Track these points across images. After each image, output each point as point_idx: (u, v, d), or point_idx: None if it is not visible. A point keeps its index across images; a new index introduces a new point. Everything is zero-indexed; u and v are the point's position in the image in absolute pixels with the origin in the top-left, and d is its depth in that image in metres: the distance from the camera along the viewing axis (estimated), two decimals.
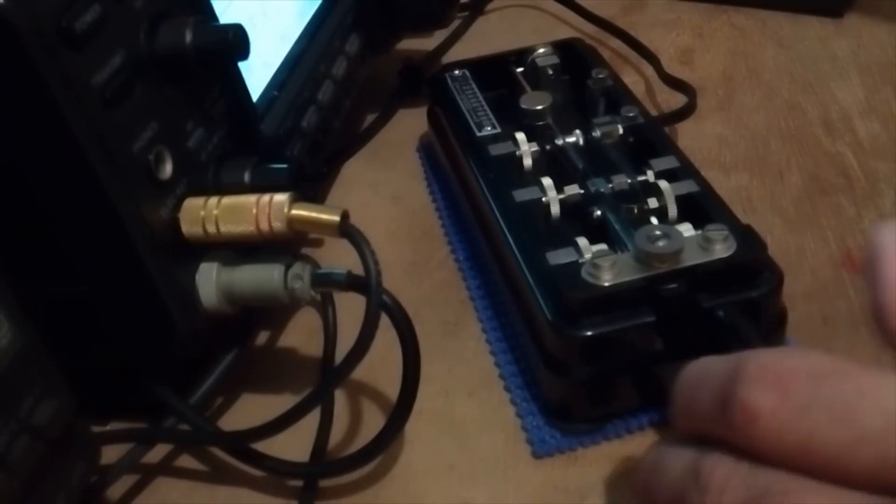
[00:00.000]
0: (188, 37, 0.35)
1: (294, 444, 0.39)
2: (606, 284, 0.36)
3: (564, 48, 0.53)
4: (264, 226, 0.36)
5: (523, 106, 0.49)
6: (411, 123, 0.58)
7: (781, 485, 0.22)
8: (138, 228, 0.34)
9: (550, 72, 0.52)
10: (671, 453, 0.26)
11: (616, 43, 0.63)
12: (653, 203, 0.41)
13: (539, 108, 0.48)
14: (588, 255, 0.39)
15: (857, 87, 0.56)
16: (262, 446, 0.38)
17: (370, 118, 0.60)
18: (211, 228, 0.36)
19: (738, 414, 0.23)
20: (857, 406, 0.22)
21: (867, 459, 0.21)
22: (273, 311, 0.46)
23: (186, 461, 0.40)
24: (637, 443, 0.38)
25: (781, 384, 0.22)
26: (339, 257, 0.40)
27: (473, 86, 0.53)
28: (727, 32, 0.64)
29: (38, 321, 0.30)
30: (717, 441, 0.24)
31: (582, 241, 0.39)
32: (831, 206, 0.48)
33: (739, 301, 0.36)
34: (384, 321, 0.35)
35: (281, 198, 0.36)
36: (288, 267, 0.37)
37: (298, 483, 0.38)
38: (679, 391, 0.27)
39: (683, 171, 0.43)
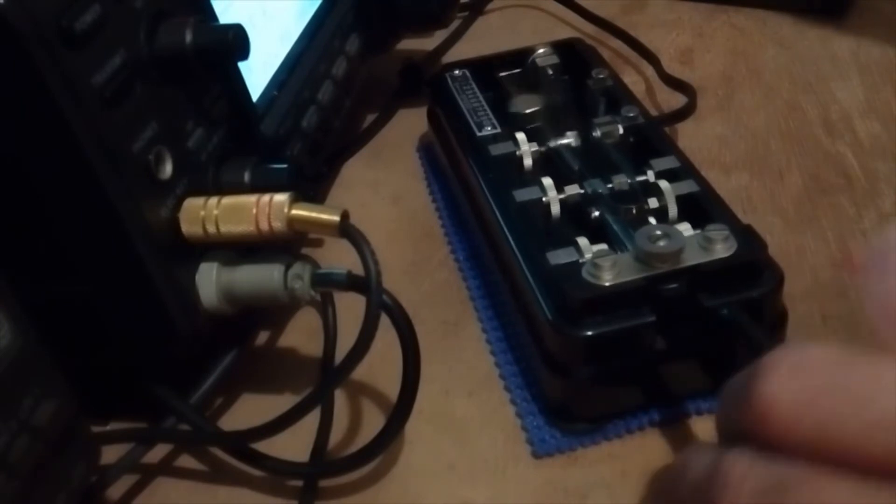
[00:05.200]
0: (188, 37, 0.35)
1: (294, 444, 0.39)
2: (607, 284, 0.36)
3: (564, 48, 0.53)
4: (264, 226, 0.36)
5: (512, 110, 0.49)
6: (411, 123, 0.58)
7: (800, 474, 0.22)
8: (138, 228, 0.34)
9: (550, 72, 0.52)
10: (695, 455, 0.27)
11: (616, 43, 0.63)
12: (653, 203, 0.42)
13: (528, 111, 0.48)
14: (588, 255, 0.39)
15: (857, 87, 0.56)
16: (262, 446, 0.38)
17: (370, 118, 0.60)
18: (211, 228, 0.36)
19: (756, 403, 0.23)
20: (872, 390, 0.22)
21: (883, 444, 0.21)
22: (273, 311, 0.46)
23: (186, 461, 0.40)
24: (637, 443, 0.38)
25: (798, 373, 0.23)
26: (339, 257, 0.40)
27: (473, 86, 0.53)
28: (727, 32, 0.64)
29: (39, 321, 0.30)
30: (743, 440, 0.24)
31: (582, 241, 0.39)
32: (831, 206, 0.48)
33: (740, 301, 0.36)
34: (384, 321, 0.35)
35: (281, 198, 0.36)
36: (288, 267, 0.37)
37: (298, 483, 0.38)
38: (719, 402, 0.27)
39: (683, 171, 0.43)
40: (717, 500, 0.23)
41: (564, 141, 0.47)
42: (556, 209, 0.43)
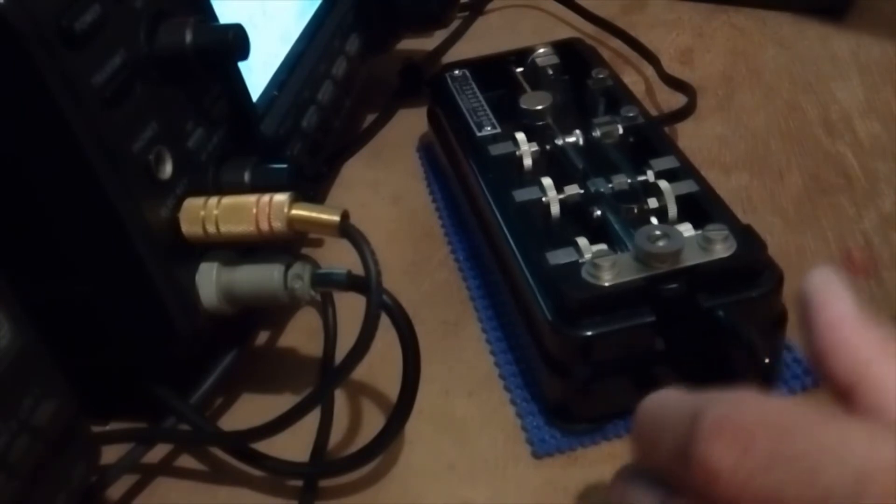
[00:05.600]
0: (188, 37, 0.35)
1: (294, 444, 0.39)
2: (606, 284, 0.36)
3: (564, 48, 0.53)
4: (264, 226, 0.36)
5: (523, 106, 0.49)
6: (411, 123, 0.58)
7: None
8: (138, 228, 0.34)
9: (550, 72, 0.52)
10: (637, 494, 0.26)
11: (616, 43, 0.63)
12: (653, 203, 0.41)
13: (539, 107, 0.48)
14: (588, 255, 0.38)
15: (857, 87, 0.56)
16: (262, 446, 0.38)
17: (370, 118, 0.60)
18: (211, 228, 0.36)
19: (698, 472, 0.22)
20: (819, 463, 0.21)
21: None
22: (273, 311, 0.46)
23: (186, 461, 0.40)
24: None
25: (740, 442, 0.22)
26: (339, 257, 0.40)
27: (473, 86, 0.53)
28: (727, 32, 0.64)
29: (39, 321, 0.30)
30: (679, 485, 0.24)
31: (582, 241, 0.39)
32: (831, 206, 0.48)
33: (739, 301, 0.36)
34: (384, 321, 0.35)
35: (281, 198, 0.36)
36: (288, 267, 0.37)
37: (298, 483, 0.38)
38: (637, 429, 0.27)
39: (683, 171, 0.43)
40: None
41: (571, 139, 0.46)
42: (555, 209, 0.43)
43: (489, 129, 0.49)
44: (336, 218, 0.35)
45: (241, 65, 0.40)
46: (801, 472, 0.21)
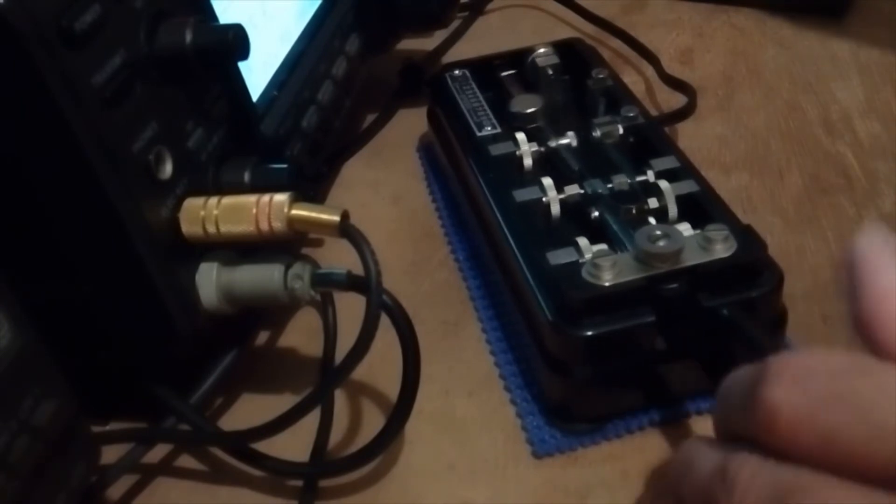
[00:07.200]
0: (188, 37, 0.35)
1: (294, 444, 0.39)
2: (607, 284, 0.36)
3: (564, 48, 0.53)
4: (264, 226, 0.36)
5: (513, 109, 0.49)
6: (411, 123, 0.58)
7: (804, 482, 0.22)
8: (138, 228, 0.34)
9: (550, 72, 0.52)
10: (701, 452, 0.27)
11: (616, 43, 0.63)
12: (653, 203, 0.42)
13: (529, 111, 0.48)
14: (588, 255, 0.39)
15: (857, 87, 0.56)
16: (262, 446, 0.38)
17: (370, 118, 0.60)
18: (211, 228, 0.36)
19: (760, 411, 0.24)
20: (875, 401, 0.22)
21: (887, 454, 0.21)
22: (273, 311, 0.46)
23: (186, 461, 0.40)
24: (637, 443, 0.38)
25: (801, 381, 0.23)
26: (339, 257, 0.40)
27: (473, 86, 0.53)
28: (727, 32, 0.64)
29: (39, 321, 0.30)
30: (747, 442, 0.25)
31: (582, 241, 0.39)
32: (831, 206, 0.48)
33: (739, 301, 0.36)
34: (384, 321, 0.35)
35: (281, 198, 0.36)
36: (288, 267, 0.37)
37: (298, 483, 0.38)
38: (718, 398, 0.28)
39: (683, 171, 0.43)
40: (723, 502, 0.24)
41: (564, 141, 0.47)
42: (556, 209, 0.43)
43: (489, 128, 0.49)
44: (336, 218, 0.35)
45: (241, 65, 0.40)
46: (856, 410, 0.22)
